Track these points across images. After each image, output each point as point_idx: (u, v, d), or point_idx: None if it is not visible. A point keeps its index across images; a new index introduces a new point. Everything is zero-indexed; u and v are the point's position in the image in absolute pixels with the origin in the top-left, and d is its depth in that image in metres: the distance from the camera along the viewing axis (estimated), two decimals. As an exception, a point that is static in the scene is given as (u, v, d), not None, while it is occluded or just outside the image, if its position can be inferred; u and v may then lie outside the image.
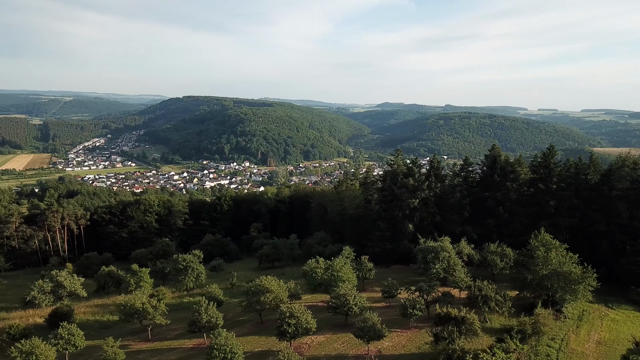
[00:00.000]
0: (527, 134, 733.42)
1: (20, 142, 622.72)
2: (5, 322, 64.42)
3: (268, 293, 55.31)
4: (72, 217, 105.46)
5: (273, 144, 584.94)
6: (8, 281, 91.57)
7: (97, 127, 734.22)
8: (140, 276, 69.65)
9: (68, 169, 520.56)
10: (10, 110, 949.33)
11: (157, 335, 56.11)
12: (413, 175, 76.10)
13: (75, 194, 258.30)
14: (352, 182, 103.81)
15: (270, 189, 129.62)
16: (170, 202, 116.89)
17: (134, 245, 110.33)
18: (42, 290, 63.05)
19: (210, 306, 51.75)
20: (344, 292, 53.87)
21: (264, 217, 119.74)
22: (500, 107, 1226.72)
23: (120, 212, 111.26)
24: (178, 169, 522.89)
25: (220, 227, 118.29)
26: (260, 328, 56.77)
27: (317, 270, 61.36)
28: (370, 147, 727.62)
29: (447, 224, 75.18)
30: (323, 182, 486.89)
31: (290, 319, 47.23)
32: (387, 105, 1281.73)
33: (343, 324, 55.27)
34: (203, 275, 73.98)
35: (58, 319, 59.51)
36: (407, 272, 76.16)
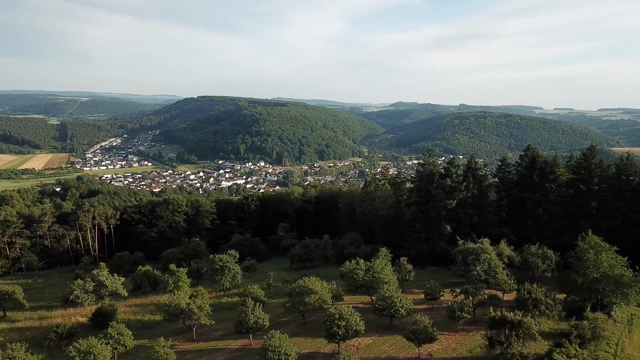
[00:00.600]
0: (543, 133, 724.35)
1: (39, 142, 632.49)
2: (48, 320, 65.22)
3: (312, 294, 55.03)
4: (102, 217, 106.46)
5: (288, 143, 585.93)
6: (43, 280, 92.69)
7: (113, 127, 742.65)
8: (178, 276, 69.88)
9: (86, 169, 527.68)
10: (29, 110, 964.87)
11: (201, 336, 56.16)
12: (450, 175, 75.31)
13: (96, 193, 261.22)
14: (382, 183, 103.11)
15: (297, 189, 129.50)
16: (198, 202, 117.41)
17: (163, 245, 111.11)
18: (84, 290, 63.55)
19: (256, 307, 51.61)
20: (389, 294, 53.33)
21: (290, 217, 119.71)
22: (516, 107, 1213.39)
23: (150, 211, 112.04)
24: (194, 168, 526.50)
25: (247, 227, 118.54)
26: (304, 329, 56.49)
27: (357, 271, 60.89)
28: (384, 146, 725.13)
29: (484, 225, 74.21)
30: (338, 182, 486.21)
31: (340, 320, 46.86)
32: (401, 104, 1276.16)
33: (388, 326, 54.78)
34: (239, 276, 74.01)
35: (102, 318, 60.12)
36: (444, 273, 75.34)
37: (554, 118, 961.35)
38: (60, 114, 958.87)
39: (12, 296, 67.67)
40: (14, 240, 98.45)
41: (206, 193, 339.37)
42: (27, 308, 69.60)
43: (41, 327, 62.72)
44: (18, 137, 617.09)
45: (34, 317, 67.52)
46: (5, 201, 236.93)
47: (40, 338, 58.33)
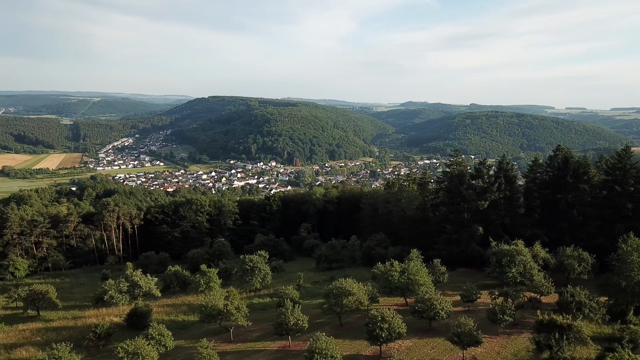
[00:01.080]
0: (556, 133, 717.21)
1: (53, 141, 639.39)
2: (82, 320, 65.63)
3: (350, 296, 54.65)
4: (126, 217, 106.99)
5: (299, 143, 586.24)
6: (71, 279, 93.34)
7: (125, 127, 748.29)
8: (209, 277, 69.89)
9: (99, 168, 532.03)
10: (42, 110, 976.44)
11: (238, 337, 56.05)
12: (482, 176, 74.52)
13: (112, 193, 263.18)
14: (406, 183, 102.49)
15: (319, 189, 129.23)
16: (220, 202, 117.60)
17: (186, 245, 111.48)
18: (119, 290, 63.78)
19: (296, 309, 51.37)
20: (429, 296, 52.81)
21: (312, 218, 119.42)
22: (527, 106, 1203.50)
23: (173, 212, 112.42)
24: (206, 168, 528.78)
25: (270, 227, 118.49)
26: (340, 331, 56.10)
27: (392, 273, 60.40)
28: (395, 146, 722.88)
29: (516, 226, 73.36)
30: (350, 182, 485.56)
31: (382, 323, 46.45)
32: (411, 104, 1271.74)
33: (427, 328, 54.24)
34: (269, 276, 73.89)
35: (137, 318, 60.34)
36: (474, 275, 74.52)
37: (565, 118, 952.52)
38: (73, 114, 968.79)
39: (46, 296, 68.24)
40: (41, 239, 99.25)
41: (220, 193, 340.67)
42: (60, 308, 70.08)
43: (76, 327, 63.15)
44: (32, 137, 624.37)
45: (68, 316, 68.01)
46: (24, 200, 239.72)
47: (77, 338, 58.62)
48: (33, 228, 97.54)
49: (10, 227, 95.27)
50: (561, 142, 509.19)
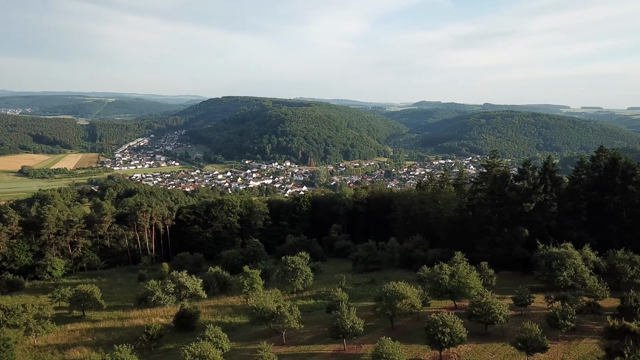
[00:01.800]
0: (572, 132, 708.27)
1: (70, 142, 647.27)
2: (129, 321, 65.78)
3: (404, 299, 53.95)
4: (159, 217, 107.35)
5: (313, 143, 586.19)
6: (107, 279, 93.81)
7: (140, 127, 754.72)
8: (252, 278, 69.65)
9: (115, 168, 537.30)
10: (58, 111, 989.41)
11: (289, 339, 55.63)
12: (527, 177, 73.28)
13: (133, 193, 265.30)
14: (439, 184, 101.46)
15: (348, 190, 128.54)
16: (251, 202, 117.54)
17: (218, 246, 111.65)
18: (165, 291, 63.80)
19: (351, 312, 50.82)
20: (486, 300, 51.89)
21: (341, 219, 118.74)
22: (542, 105, 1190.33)
23: (205, 212, 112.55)
24: (221, 168, 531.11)
25: (299, 227, 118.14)
26: (393, 334, 55.16)
27: (442, 276, 59.57)
28: (409, 146, 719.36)
29: (562, 229, 71.99)
30: (365, 182, 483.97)
31: (444, 327, 45.69)
32: (424, 104, 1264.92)
33: (483, 332, 53.32)
34: (310, 278, 73.46)
35: (186, 320, 60.28)
36: (519, 278, 73.36)
37: (581, 117, 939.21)
38: (88, 114, 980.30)
39: (91, 296, 68.53)
40: (77, 240, 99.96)
41: (237, 193, 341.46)
42: (105, 308, 70.35)
43: (124, 328, 63.36)
44: (50, 138, 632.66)
45: (113, 317, 68.23)
46: (47, 200, 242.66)
47: (127, 339, 58.69)
48: (69, 228, 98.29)
49: (47, 227, 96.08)
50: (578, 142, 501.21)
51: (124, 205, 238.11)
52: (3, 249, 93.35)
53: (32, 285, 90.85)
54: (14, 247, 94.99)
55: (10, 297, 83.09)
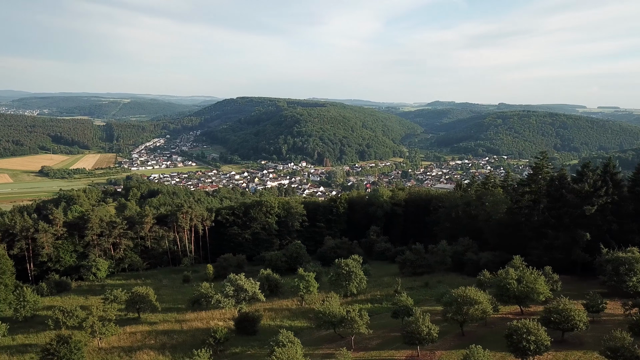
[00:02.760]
0: (591, 133, 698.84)
1: (88, 142, 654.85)
2: (187, 324, 65.37)
3: (476, 304, 52.72)
4: (199, 218, 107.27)
5: (329, 144, 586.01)
6: (151, 281, 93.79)
7: (156, 128, 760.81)
8: (308, 281, 68.93)
9: (133, 169, 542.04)
10: (74, 112, 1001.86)
11: (356, 345, 54.67)
12: (587, 180, 71.55)
13: (156, 193, 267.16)
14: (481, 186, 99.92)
15: (385, 191, 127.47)
16: (288, 203, 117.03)
17: (257, 247, 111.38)
18: (225, 294, 63.34)
19: (426, 317, 49.75)
20: (564, 306, 50.40)
21: (379, 220, 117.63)
22: (558, 105, 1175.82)
23: (243, 213, 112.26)
24: (238, 168, 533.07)
25: (336, 229, 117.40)
26: (463, 340, 54.12)
27: (510, 281, 58.16)
28: (425, 146, 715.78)
29: (623, 232, 70.14)
30: (382, 182, 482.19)
31: (528, 334, 44.39)
32: (438, 104, 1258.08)
33: (559, 340, 51.66)
34: (364, 281, 72.46)
35: (249, 323, 59.65)
36: (578, 283, 71.60)
37: (598, 117, 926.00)
38: (104, 115, 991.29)
39: (147, 298, 68.28)
40: (119, 241, 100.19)
41: (257, 193, 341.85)
42: (160, 310, 70.09)
43: (183, 331, 62.97)
44: (68, 138, 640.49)
45: (170, 319, 67.91)
46: (73, 200, 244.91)
47: (191, 342, 58.27)
48: (112, 229, 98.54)
49: (91, 228, 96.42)
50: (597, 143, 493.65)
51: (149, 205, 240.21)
52: (49, 249, 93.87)
53: (78, 286, 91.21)
54: (59, 248, 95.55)
55: (59, 298, 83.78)
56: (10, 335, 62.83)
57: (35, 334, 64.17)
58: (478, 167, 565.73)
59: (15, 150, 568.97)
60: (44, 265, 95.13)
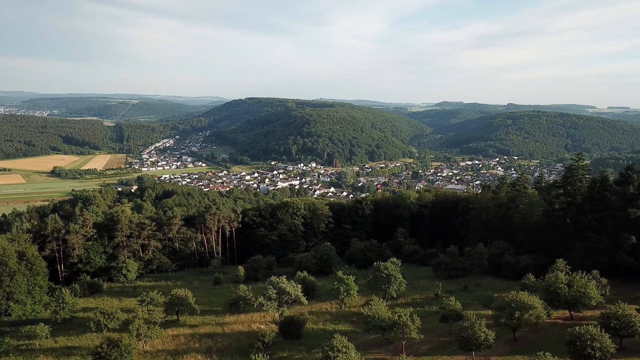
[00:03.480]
0: (602, 133, 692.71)
1: (98, 143, 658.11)
2: (229, 327, 64.84)
3: (530, 310, 51.77)
4: (226, 220, 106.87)
5: (338, 144, 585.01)
6: (182, 282, 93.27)
7: (165, 129, 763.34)
8: (348, 284, 68.18)
9: (144, 169, 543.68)
10: (84, 112, 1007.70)
11: (407, 349, 53.82)
12: (632, 182, 70.32)
13: (171, 194, 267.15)
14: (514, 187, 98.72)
15: (412, 192, 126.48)
16: (314, 205, 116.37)
17: (283, 248, 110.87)
18: (267, 297, 62.70)
19: (482, 322, 48.86)
20: (622, 312, 49.38)
21: (405, 222, 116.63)
22: (567, 105, 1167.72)
23: (270, 214, 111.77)
24: (248, 169, 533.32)
25: (362, 231, 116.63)
26: (516, 346, 53.28)
27: (560, 286, 57.11)
28: (434, 147, 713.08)
29: (669, 236, 68.86)
30: (392, 183, 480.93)
31: (592, 341, 43.46)
32: (446, 104, 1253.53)
33: (618, 346, 50.67)
34: (404, 285, 71.58)
35: (294, 327, 59.00)
36: (621, 287, 70.23)
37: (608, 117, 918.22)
38: (113, 115, 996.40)
39: (186, 301, 67.85)
40: (148, 242, 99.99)
41: (270, 194, 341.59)
42: (198, 313, 69.63)
43: (225, 334, 62.37)
44: (79, 139, 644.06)
45: (209, 322, 67.37)
46: (89, 201, 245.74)
47: (235, 345, 57.89)
48: (141, 230, 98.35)
49: (120, 230, 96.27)
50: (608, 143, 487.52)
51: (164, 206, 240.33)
52: (79, 251, 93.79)
53: (109, 287, 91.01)
54: (89, 249, 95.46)
55: (93, 300, 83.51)
56: (52, 338, 62.54)
57: (76, 336, 63.82)
58: (489, 168, 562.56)
59: (27, 150, 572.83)
60: (74, 266, 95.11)
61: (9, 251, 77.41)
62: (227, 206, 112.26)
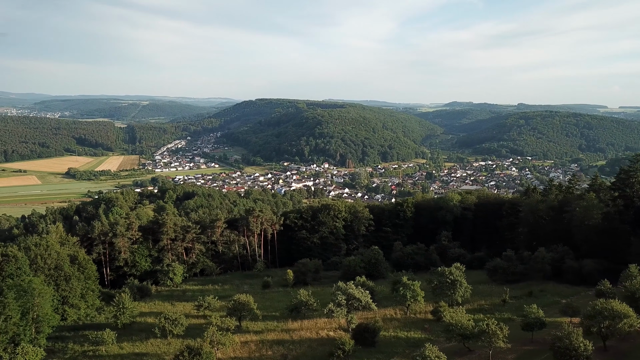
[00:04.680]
0: (617, 133, 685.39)
1: (111, 144, 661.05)
2: (297, 333, 63.36)
3: (625, 318, 49.86)
4: (269, 222, 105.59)
5: (351, 145, 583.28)
6: (230, 286, 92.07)
7: (177, 130, 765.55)
8: (414, 289, 66.52)
9: (157, 170, 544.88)
10: (95, 114, 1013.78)
11: (492, 358, 52.14)
12: None
13: (192, 195, 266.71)
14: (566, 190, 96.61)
15: (454, 195, 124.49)
16: (354, 207, 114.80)
17: (324, 251, 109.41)
18: (337, 303, 61.19)
19: (579, 332, 47.05)
20: None
21: (447, 225, 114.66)
22: (578, 105, 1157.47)
23: (311, 217, 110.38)
24: (261, 170, 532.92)
25: (403, 234, 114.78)
26: (608, 356, 51.34)
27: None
28: (446, 147, 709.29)
29: None
30: (406, 184, 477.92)
31: None
32: (456, 104, 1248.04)
33: None
34: (469, 290, 69.80)
35: (369, 334, 57.47)
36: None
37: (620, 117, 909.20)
38: (124, 117, 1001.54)
39: (248, 306, 66.54)
40: (192, 245, 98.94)
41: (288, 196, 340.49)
42: (260, 318, 68.27)
43: (295, 341, 60.86)
44: (92, 140, 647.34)
45: (273, 328, 65.95)
46: (112, 202, 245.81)
47: (310, 353, 56.43)
48: (185, 233, 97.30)
49: (166, 233, 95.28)
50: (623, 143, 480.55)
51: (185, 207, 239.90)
52: (125, 254, 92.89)
53: (157, 291, 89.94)
54: (135, 253, 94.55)
55: (144, 304, 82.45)
56: (117, 344, 61.45)
57: (141, 342, 62.72)
58: (503, 169, 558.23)
59: (42, 152, 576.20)
60: (119, 269, 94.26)
61: (62, 255, 76.68)
62: (267, 208, 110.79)
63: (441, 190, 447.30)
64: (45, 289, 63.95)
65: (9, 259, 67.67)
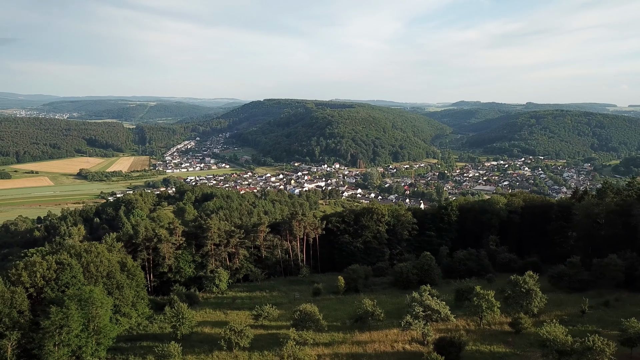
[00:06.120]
0: (629, 132, 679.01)
1: (121, 145, 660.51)
2: (371, 346, 59.99)
3: None
4: (311, 226, 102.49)
5: (362, 145, 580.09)
6: (279, 293, 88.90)
7: (186, 130, 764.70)
8: (489, 300, 63.13)
9: (168, 171, 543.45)
10: (103, 115, 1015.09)
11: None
12: None
13: (211, 197, 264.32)
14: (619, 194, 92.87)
15: (500, 198, 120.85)
16: (397, 211, 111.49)
17: (368, 256, 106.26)
18: (415, 315, 57.99)
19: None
20: None
21: (493, 229, 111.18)
22: (587, 104, 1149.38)
23: (354, 221, 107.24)
24: (272, 170, 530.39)
25: (447, 238, 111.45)
26: None
27: None
28: (456, 147, 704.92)
29: None
30: (419, 184, 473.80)
31: None
32: (464, 104, 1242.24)
33: None
34: (544, 300, 66.36)
35: (454, 349, 54.16)
36: None
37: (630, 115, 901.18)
38: (132, 118, 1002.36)
39: (315, 317, 63.51)
40: (235, 250, 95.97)
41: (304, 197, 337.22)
42: (326, 329, 65.11)
43: (370, 355, 57.56)
44: (102, 141, 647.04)
45: (341, 340, 62.52)
46: (132, 204, 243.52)
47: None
48: (229, 238, 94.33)
49: (210, 238, 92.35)
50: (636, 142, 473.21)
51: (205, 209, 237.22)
52: (170, 260, 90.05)
53: (204, 298, 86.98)
54: (179, 259, 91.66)
55: (195, 312, 79.34)
56: (182, 357, 58.45)
57: (205, 355, 59.70)
58: (515, 168, 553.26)
59: (53, 153, 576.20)
60: (163, 276, 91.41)
61: (113, 262, 73.90)
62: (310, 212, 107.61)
63: (455, 191, 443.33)
64: (105, 299, 61.19)
65: (64, 267, 65.02)
